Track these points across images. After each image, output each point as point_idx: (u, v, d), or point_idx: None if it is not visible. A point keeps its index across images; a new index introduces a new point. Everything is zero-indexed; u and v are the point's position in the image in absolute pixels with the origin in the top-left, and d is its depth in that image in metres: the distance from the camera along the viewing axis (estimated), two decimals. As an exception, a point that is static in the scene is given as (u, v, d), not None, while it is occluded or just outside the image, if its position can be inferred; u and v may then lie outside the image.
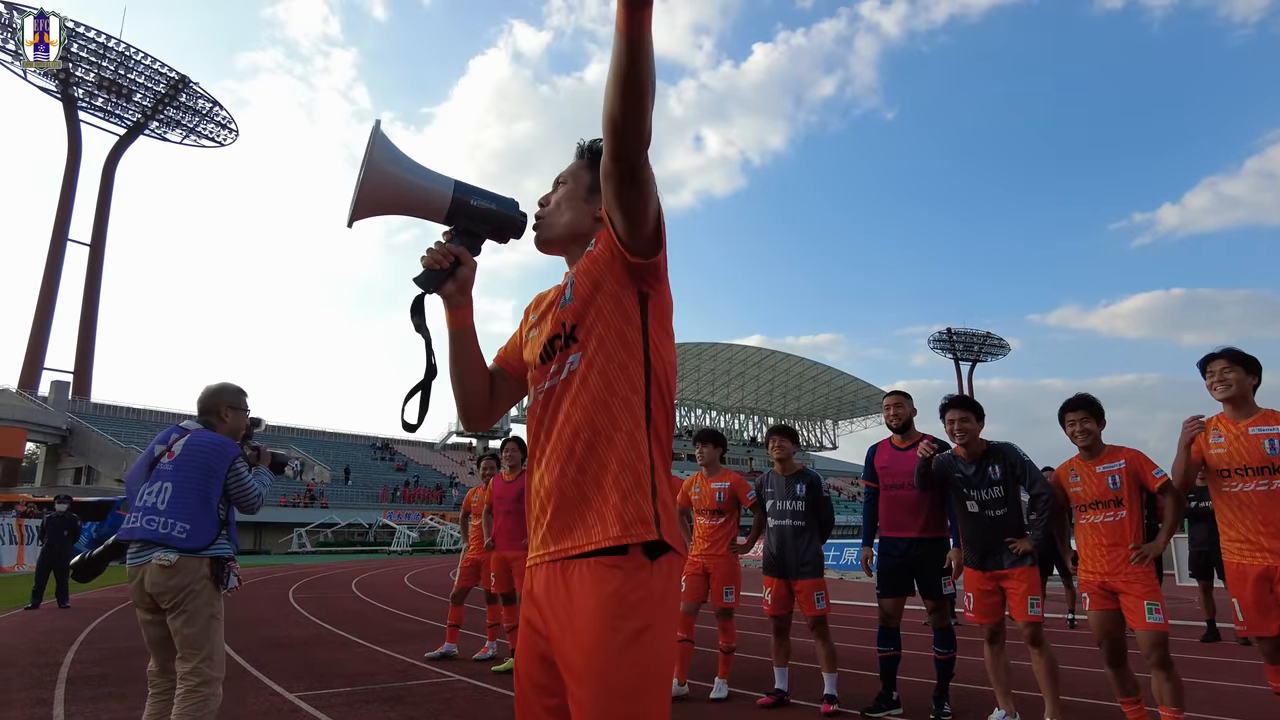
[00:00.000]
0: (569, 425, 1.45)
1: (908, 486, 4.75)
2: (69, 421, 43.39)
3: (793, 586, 5.00)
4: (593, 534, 1.39)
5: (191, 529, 3.25)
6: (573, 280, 1.54)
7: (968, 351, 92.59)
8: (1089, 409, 4.05)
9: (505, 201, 1.62)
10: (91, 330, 50.12)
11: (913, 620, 8.41)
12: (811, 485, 5.11)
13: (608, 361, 1.47)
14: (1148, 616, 3.70)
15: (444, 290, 1.58)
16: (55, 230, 49.02)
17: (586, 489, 1.41)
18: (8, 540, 21.78)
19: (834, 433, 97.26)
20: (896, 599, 4.77)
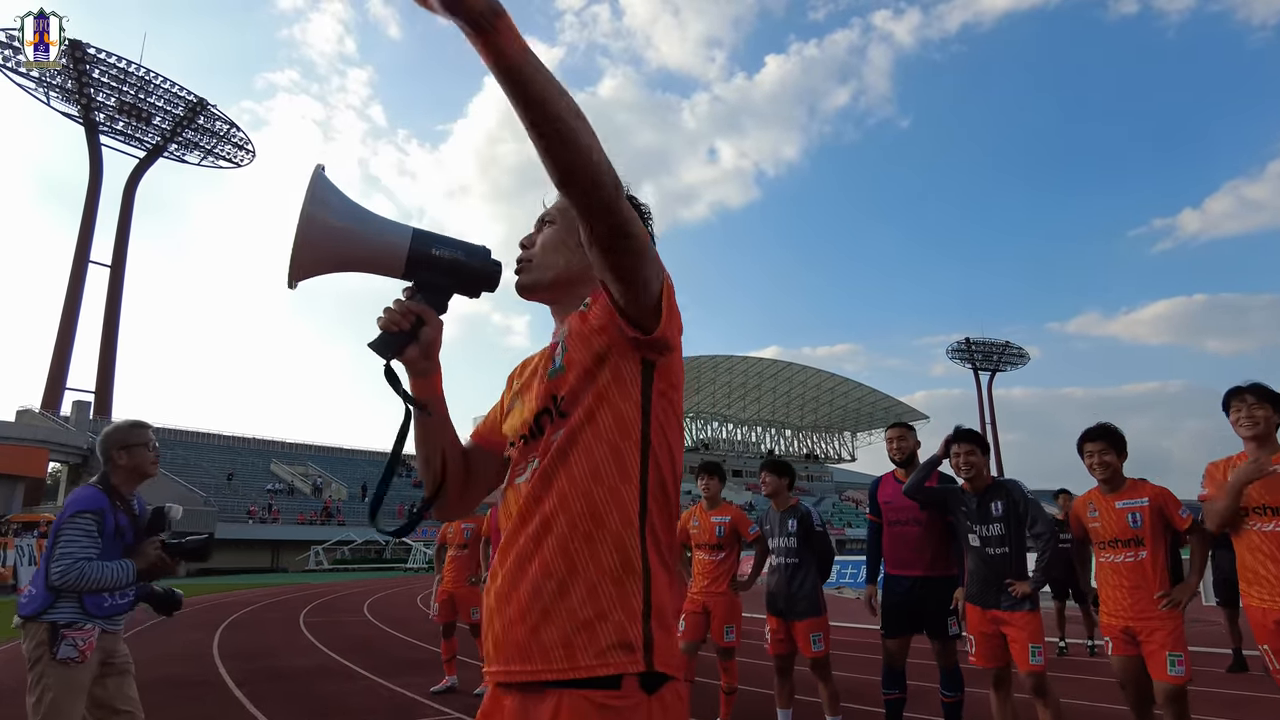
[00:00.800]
0: (539, 517, 1.24)
1: (912, 522, 4.62)
2: (90, 441, 43.79)
3: (792, 628, 4.85)
4: (555, 658, 1.17)
5: (34, 593, 3.00)
6: (564, 345, 1.33)
7: (987, 361, 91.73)
8: (1108, 439, 3.86)
9: (474, 250, 1.40)
10: (112, 351, 50.71)
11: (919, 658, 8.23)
12: (802, 520, 4.95)
13: (595, 440, 1.25)
14: (1169, 669, 3.54)
15: (406, 356, 1.36)
16: (77, 252, 49.74)
17: (552, 598, 1.19)
18: (27, 561, 21.91)
19: (853, 445, 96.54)
20: (901, 639, 4.63)
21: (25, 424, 42.71)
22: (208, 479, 43.00)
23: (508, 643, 1.22)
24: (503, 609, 1.25)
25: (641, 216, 1.45)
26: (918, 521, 4.61)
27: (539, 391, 1.35)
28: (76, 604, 3.01)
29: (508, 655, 1.22)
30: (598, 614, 1.17)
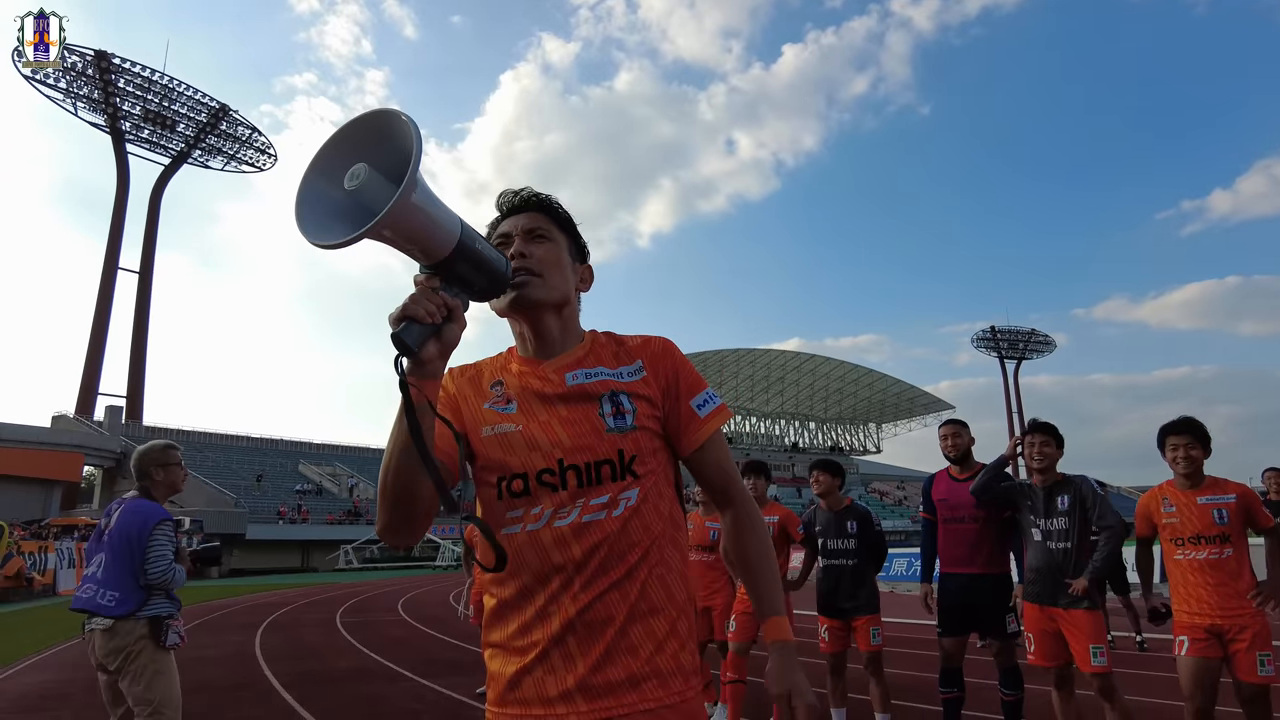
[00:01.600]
0: (624, 562, 1.29)
1: (969, 520, 4.54)
2: (123, 445, 44.54)
3: (850, 624, 4.82)
4: (652, 689, 1.28)
5: (120, 596, 3.42)
6: (631, 405, 1.37)
7: (1013, 349, 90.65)
8: (1194, 433, 3.73)
9: (500, 256, 1.32)
10: (142, 356, 51.45)
11: (975, 655, 8.13)
12: (863, 521, 4.93)
13: (660, 499, 1.37)
14: (1259, 669, 3.42)
15: (426, 353, 1.18)
16: (106, 260, 50.48)
17: (640, 637, 1.28)
18: (67, 564, 22.29)
19: (878, 436, 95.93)
20: (958, 638, 4.55)
21: (61, 429, 43.48)
22: (238, 481, 43.55)
23: (603, 678, 1.25)
24: (585, 648, 1.25)
25: (585, 249, 1.54)
26: (974, 519, 4.52)
27: (592, 439, 1.32)
28: (167, 599, 3.52)
29: (609, 689, 1.25)
30: (679, 645, 1.32)
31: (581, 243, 1.54)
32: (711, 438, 1.44)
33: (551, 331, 1.43)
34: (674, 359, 1.46)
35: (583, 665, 1.24)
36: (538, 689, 1.26)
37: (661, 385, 1.42)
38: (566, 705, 1.24)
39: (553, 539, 1.29)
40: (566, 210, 1.50)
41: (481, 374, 1.47)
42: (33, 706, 6.63)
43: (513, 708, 1.28)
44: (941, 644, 4.60)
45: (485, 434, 1.37)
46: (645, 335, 1.50)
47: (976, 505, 4.50)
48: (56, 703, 6.76)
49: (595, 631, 1.26)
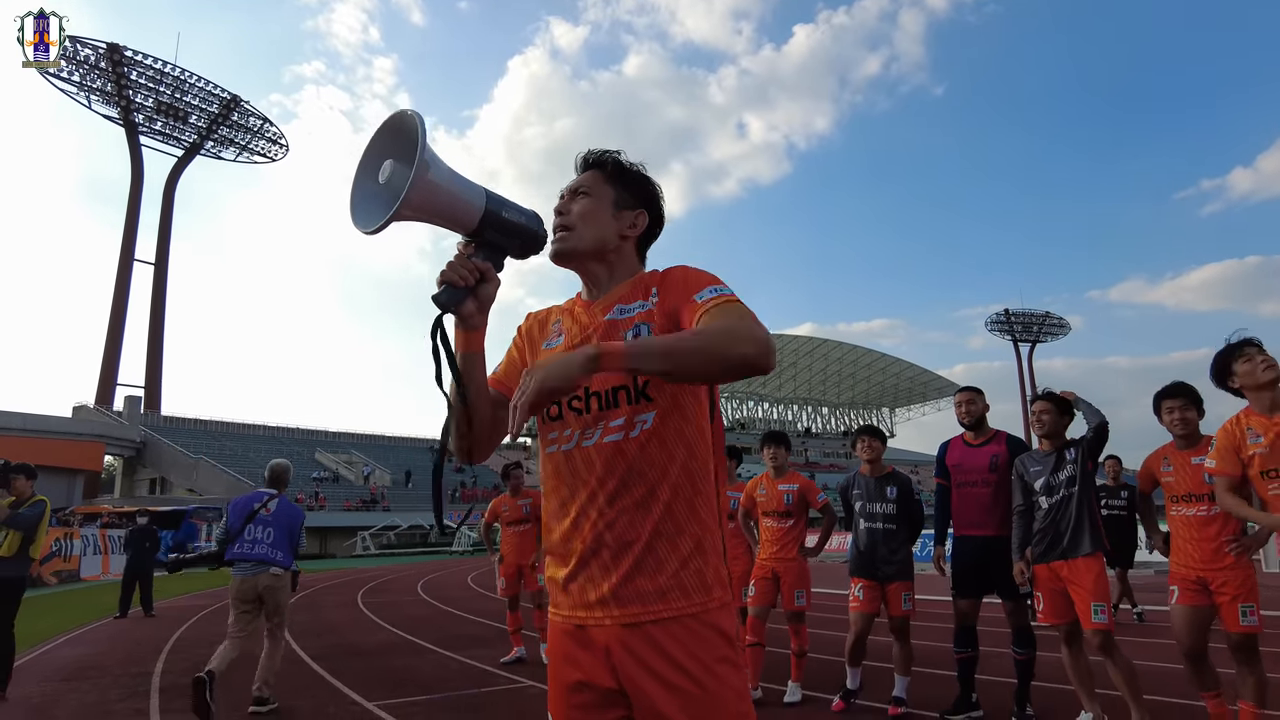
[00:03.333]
0: (644, 482, 1.41)
1: (981, 484, 4.65)
2: (142, 435, 45.11)
3: (885, 588, 4.93)
4: (676, 600, 1.38)
5: (285, 556, 5.45)
6: (648, 332, 1.47)
7: (1027, 332, 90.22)
8: (1188, 396, 3.89)
9: (531, 215, 1.52)
10: (159, 346, 51.99)
11: (991, 617, 8.24)
12: (903, 487, 5.05)
13: (684, 423, 1.45)
14: (1241, 619, 3.59)
15: (464, 310, 1.45)
16: (123, 251, 50.96)
17: (665, 553, 1.40)
18: (91, 550, 22.72)
19: (891, 421, 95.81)
20: (972, 600, 4.66)
21: (82, 419, 44.03)
22: (255, 469, 43.94)
23: (633, 588, 1.39)
24: (617, 560, 1.39)
25: (655, 197, 1.64)
26: (987, 483, 4.64)
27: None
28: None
29: (623, 597, 1.38)
30: (704, 560, 1.42)
31: (637, 190, 1.62)
32: (715, 310, 1.38)
33: (599, 276, 1.59)
34: (682, 273, 1.51)
35: (615, 575, 1.39)
36: (580, 594, 1.43)
37: (671, 302, 1.48)
38: (603, 610, 1.40)
39: (581, 459, 1.45)
40: (624, 161, 1.61)
41: (550, 316, 1.66)
42: (72, 675, 6.86)
43: (563, 609, 1.47)
44: (956, 605, 4.71)
45: None
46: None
47: (989, 469, 4.61)
48: (95, 672, 6.98)
49: (623, 546, 1.39)
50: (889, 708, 4.74)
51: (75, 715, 5.29)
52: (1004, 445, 4.69)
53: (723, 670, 1.37)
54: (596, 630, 1.40)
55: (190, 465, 42.46)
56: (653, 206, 1.63)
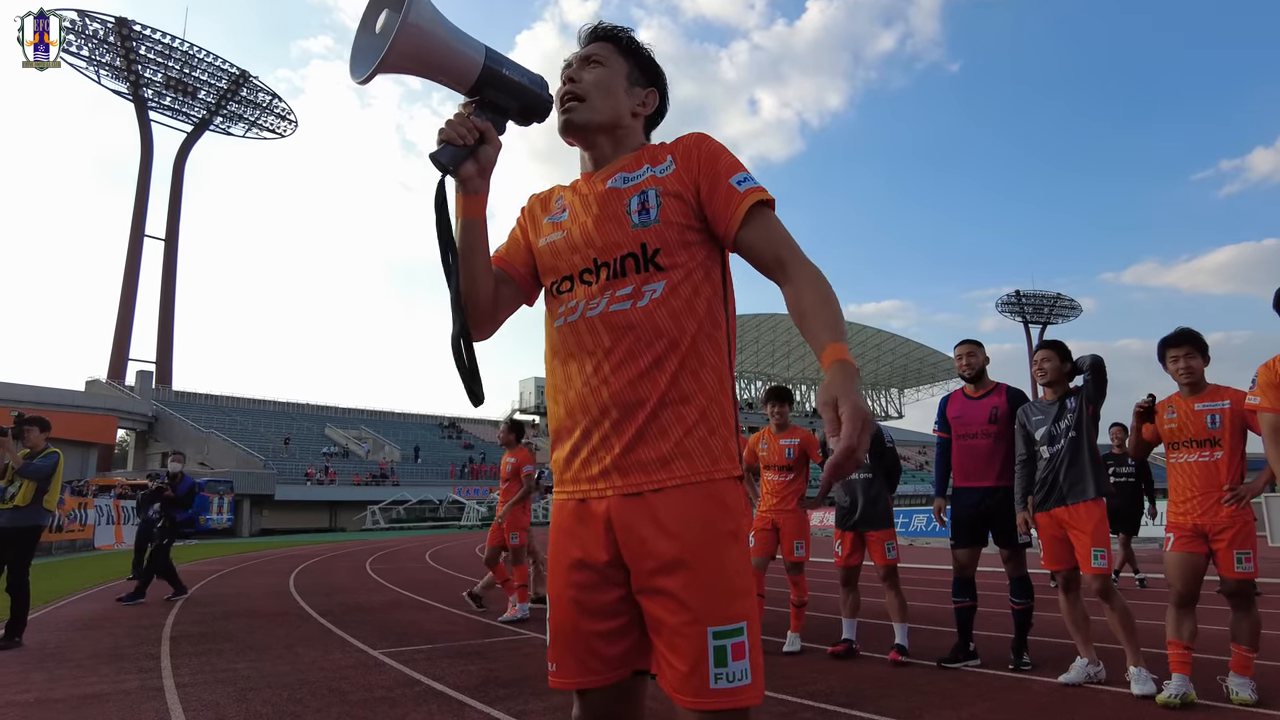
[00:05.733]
0: (651, 351, 1.35)
1: (981, 436, 4.68)
2: (154, 409, 45.48)
3: (865, 538, 4.99)
4: (679, 468, 1.34)
5: None
6: (658, 199, 1.40)
7: (1037, 314, 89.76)
8: (1193, 343, 3.86)
9: (535, 78, 1.45)
10: (170, 321, 52.33)
11: (991, 582, 8.30)
12: (875, 437, 5.07)
13: (695, 295, 1.39)
14: (1237, 565, 3.63)
15: (464, 171, 1.39)
16: (133, 226, 51.14)
17: (670, 421, 1.35)
18: (105, 520, 23.07)
19: (900, 402, 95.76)
20: (971, 549, 4.71)
21: (95, 393, 44.45)
22: (266, 443, 44.38)
23: (634, 457, 1.34)
24: (620, 430, 1.35)
25: (664, 79, 1.60)
26: (987, 434, 4.66)
27: (618, 235, 1.41)
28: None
29: (626, 466, 1.35)
30: (710, 430, 1.37)
31: (649, 68, 1.58)
32: (754, 211, 1.39)
33: (604, 152, 1.53)
34: (706, 146, 1.45)
35: (618, 445, 1.35)
36: (584, 467, 1.39)
37: (693, 174, 1.42)
38: (605, 481, 1.36)
39: (586, 328, 1.40)
40: (637, 40, 1.57)
41: (553, 194, 1.60)
42: (87, 626, 7.01)
43: (567, 485, 1.43)
44: (955, 555, 4.75)
45: (540, 245, 1.53)
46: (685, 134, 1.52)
47: (989, 421, 4.64)
48: (108, 624, 7.12)
49: (628, 414, 1.35)
50: (890, 654, 4.81)
51: (89, 658, 5.40)
52: (1004, 397, 4.72)
53: (725, 543, 1.32)
54: (597, 502, 1.37)
55: (201, 439, 42.82)
56: (662, 87, 1.59)
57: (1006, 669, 4.51)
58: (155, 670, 4.98)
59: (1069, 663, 4.25)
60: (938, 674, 4.50)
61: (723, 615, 1.27)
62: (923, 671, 4.57)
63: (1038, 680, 4.26)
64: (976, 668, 4.60)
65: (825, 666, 4.77)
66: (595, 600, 1.36)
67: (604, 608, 1.36)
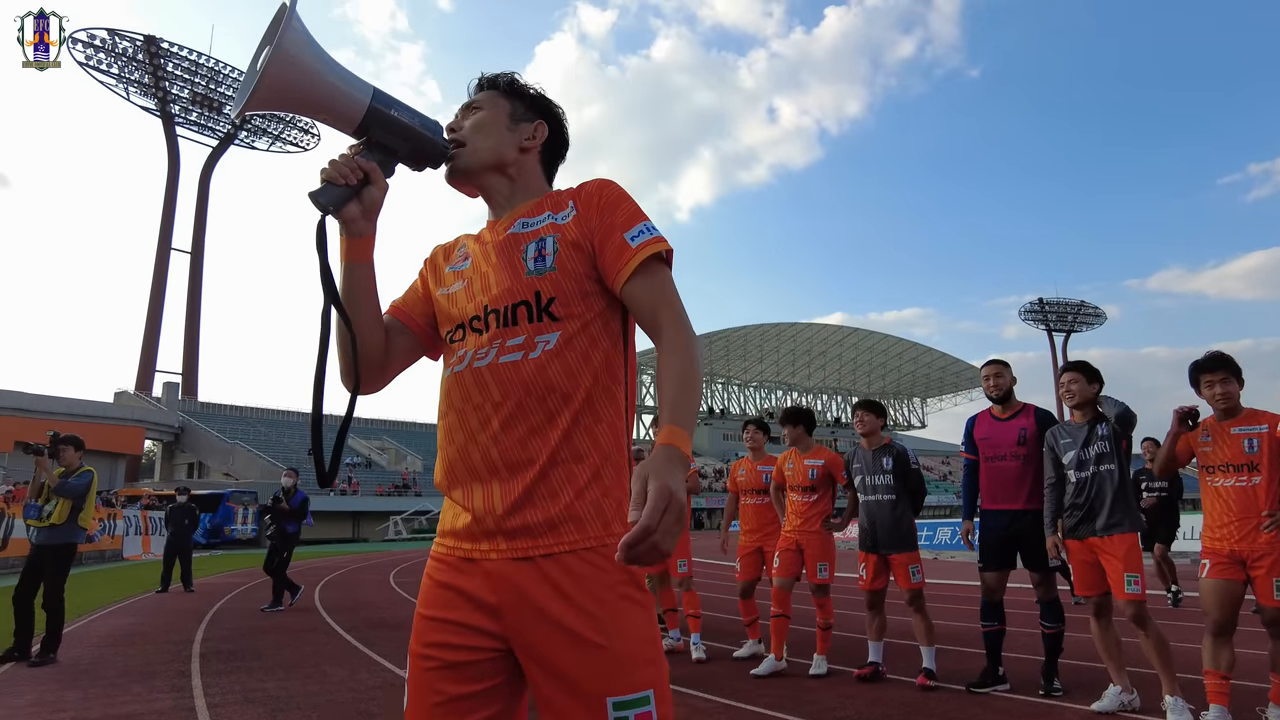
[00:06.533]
0: (542, 406, 1.28)
1: (1010, 458, 4.64)
2: (180, 420, 46.12)
3: (888, 560, 4.96)
4: (568, 532, 1.25)
5: None
6: (555, 246, 1.36)
7: (1061, 322, 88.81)
8: (1227, 368, 3.80)
9: (429, 122, 1.41)
10: (196, 333, 53.01)
11: (1016, 596, 8.22)
12: (898, 458, 5.05)
13: (592, 348, 1.33)
14: (1276, 593, 3.54)
15: (346, 213, 1.33)
16: (160, 240, 51.96)
17: (560, 481, 1.27)
18: (133, 531, 23.37)
19: (923, 411, 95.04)
20: (1000, 572, 4.66)
21: (122, 404, 45.12)
22: (289, 454, 44.79)
23: (521, 519, 1.26)
24: (507, 489, 1.27)
25: (554, 110, 1.56)
26: (1016, 456, 4.62)
27: (512, 283, 1.35)
28: None
29: (526, 530, 1.26)
30: (603, 491, 1.29)
31: (533, 103, 1.54)
32: (644, 267, 1.31)
33: (500, 192, 1.49)
34: (607, 193, 1.40)
35: (502, 505, 1.26)
36: (467, 527, 1.30)
37: (590, 222, 1.37)
38: (490, 543, 1.27)
39: (473, 380, 1.32)
40: (519, 78, 1.54)
41: (457, 244, 1.55)
42: (119, 641, 7.10)
43: (448, 540, 1.34)
44: (983, 578, 4.71)
45: (439, 295, 1.48)
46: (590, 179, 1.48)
47: (1018, 443, 4.60)
48: (139, 639, 7.22)
49: (515, 473, 1.27)
50: (917, 678, 4.77)
51: (121, 675, 5.48)
52: (1032, 418, 4.68)
53: (622, 606, 1.23)
54: (483, 564, 1.27)
55: (226, 450, 43.36)
56: (552, 119, 1.55)
57: (1037, 694, 4.46)
58: (186, 689, 5.04)
59: (1101, 688, 4.19)
60: (966, 699, 4.46)
61: (624, 684, 1.18)
62: (951, 696, 4.53)
63: (1069, 707, 4.21)
64: (1006, 693, 4.55)
65: (851, 690, 4.74)
66: (466, 660, 1.26)
67: (476, 669, 1.26)
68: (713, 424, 72.81)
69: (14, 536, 16.02)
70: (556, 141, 1.56)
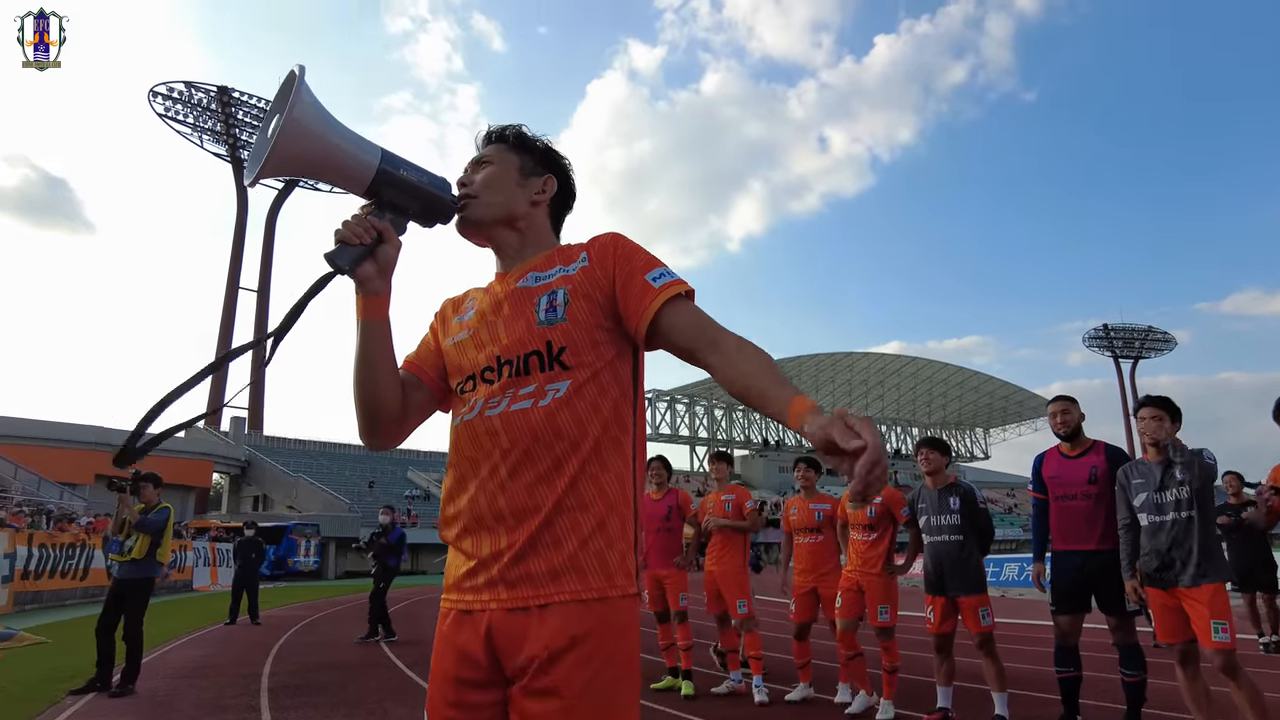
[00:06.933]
0: (549, 454, 1.30)
1: (1081, 497, 4.49)
2: (247, 454, 47.49)
3: (956, 603, 4.83)
4: (570, 582, 1.26)
5: None
6: (566, 297, 1.38)
7: (1128, 348, 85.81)
8: None
9: (437, 179, 1.44)
10: (262, 369, 54.66)
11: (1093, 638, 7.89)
12: (965, 497, 4.93)
13: (601, 396, 1.35)
14: None
15: (361, 272, 1.36)
16: (229, 279, 54.10)
17: (565, 530, 1.28)
18: (202, 562, 24.08)
19: (985, 442, 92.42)
20: (1074, 616, 4.49)
21: (193, 439, 46.66)
22: (351, 487, 45.73)
23: (523, 568, 1.27)
24: (511, 537, 1.28)
25: (562, 163, 1.58)
26: (1087, 495, 4.48)
27: (523, 333, 1.37)
28: None
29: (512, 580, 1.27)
30: (607, 543, 1.30)
31: (542, 156, 1.56)
32: (671, 303, 1.34)
33: (510, 245, 1.51)
34: (621, 246, 1.43)
35: (507, 555, 1.28)
36: (469, 576, 1.31)
37: (607, 272, 1.39)
38: (490, 592, 1.28)
39: (484, 428, 1.34)
40: (527, 132, 1.57)
41: (465, 296, 1.58)
42: (192, 674, 7.32)
43: (452, 593, 1.35)
44: (1057, 622, 4.55)
45: (448, 345, 1.51)
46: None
47: (1089, 481, 4.46)
48: (211, 672, 7.42)
49: (520, 521, 1.29)
50: (989, 727, 4.61)
51: (196, 709, 5.64)
52: (1103, 455, 4.53)
53: (611, 673, 1.24)
54: (480, 615, 1.29)
55: (290, 483, 44.42)
56: (560, 172, 1.58)
57: (1118, 745, 4.28)
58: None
59: (1187, 740, 4.00)
60: (1043, 749, 4.29)
61: None
62: (1026, 745, 4.37)
63: (1153, 759, 4.02)
64: (1084, 742, 4.37)
65: (921, 737, 4.60)
66: (474, 717, 1.29)
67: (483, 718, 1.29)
68: (768, 456, 71.94)
69: (93, 566, 16.68)
70: (564, 194, 1.59)
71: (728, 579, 5.97)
